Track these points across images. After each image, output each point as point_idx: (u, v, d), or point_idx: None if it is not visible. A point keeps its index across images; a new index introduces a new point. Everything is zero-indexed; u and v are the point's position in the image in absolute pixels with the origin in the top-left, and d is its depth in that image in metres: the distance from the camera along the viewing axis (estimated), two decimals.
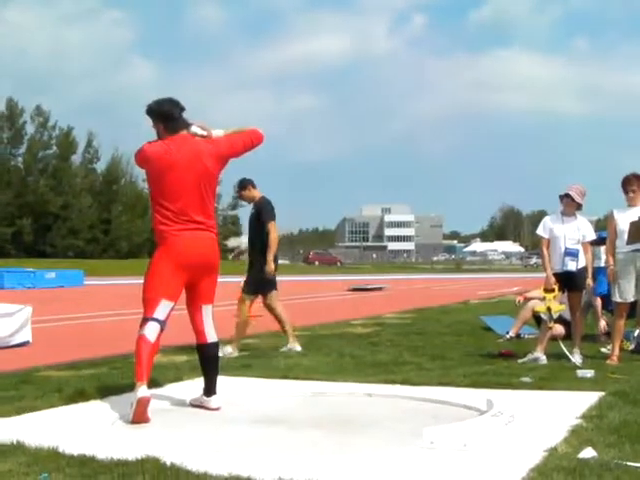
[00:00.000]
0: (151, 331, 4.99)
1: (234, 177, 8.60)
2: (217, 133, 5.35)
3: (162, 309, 5.03)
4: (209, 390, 5.33)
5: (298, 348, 8.52)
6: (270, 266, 8.31)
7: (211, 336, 5.31)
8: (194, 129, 5.26)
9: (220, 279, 5.43)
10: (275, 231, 8.36)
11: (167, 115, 5.16)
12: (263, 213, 8.48)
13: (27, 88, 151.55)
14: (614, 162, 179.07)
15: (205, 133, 5.28)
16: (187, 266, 5.07)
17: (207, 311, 5.30)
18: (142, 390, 4.82)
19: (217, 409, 5.28)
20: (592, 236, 7.70)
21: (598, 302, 9.43)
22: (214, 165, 5.21)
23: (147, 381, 4.90)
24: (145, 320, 5.03)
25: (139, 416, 4.80)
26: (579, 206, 7.63)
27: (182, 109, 5.23)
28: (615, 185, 7.74)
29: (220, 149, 5.26)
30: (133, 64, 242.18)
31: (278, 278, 8.64)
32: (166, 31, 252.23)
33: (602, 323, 9.32)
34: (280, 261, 9.43)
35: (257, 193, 8.67)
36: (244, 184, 8.70)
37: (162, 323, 5.04)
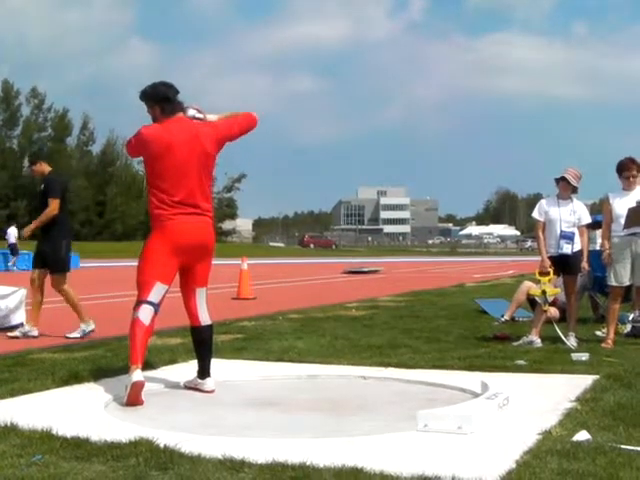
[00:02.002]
0: (145, 314, 4.98)
1: (229, 159, 8.56)
2: (211, 117, 5.36)
3: (156, 292, 5.02)
4: (203, 372, 5.33)
5: (91, 326, 8.26)
6: (29, 228, 8.30)
7: (205, 319, 5.31)
8: (191, 112, 5.25)
9: (214, 262, 5.41)
10: (55, 208, 8.22)
11: (163, 97, 5.14)
12: (49, 189, 8.35)
13: (23, 70, 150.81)
14: (610, 146, 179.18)
15: (202, 116, 5.30)
16: (182, 249, 5.05)
17: (201, 294, 5.29)
18: (137, 374, 4.80)
19: (211, 391, 5.27)
20: (588, 219, 7.69)
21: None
22: (212, 147, 5.20)
23: (141, 364, 4.89)
24: (139, 303, 5.01)
25: (133, 399, 4.79)
26: (575, 189, 7.61)
27: (177, 91, 5.22)
28: (611, 169, 7.73)
29: (218, 131, 5.26)
30: (130, 46, 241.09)
31: (273, 261, 8.63)
32: (164, 13, 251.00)
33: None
34: (275, 244, 9.35)
35: (47, 168, 8.60)
36: (35, 158, 8.64)
37: (156, 306, 5.04)
